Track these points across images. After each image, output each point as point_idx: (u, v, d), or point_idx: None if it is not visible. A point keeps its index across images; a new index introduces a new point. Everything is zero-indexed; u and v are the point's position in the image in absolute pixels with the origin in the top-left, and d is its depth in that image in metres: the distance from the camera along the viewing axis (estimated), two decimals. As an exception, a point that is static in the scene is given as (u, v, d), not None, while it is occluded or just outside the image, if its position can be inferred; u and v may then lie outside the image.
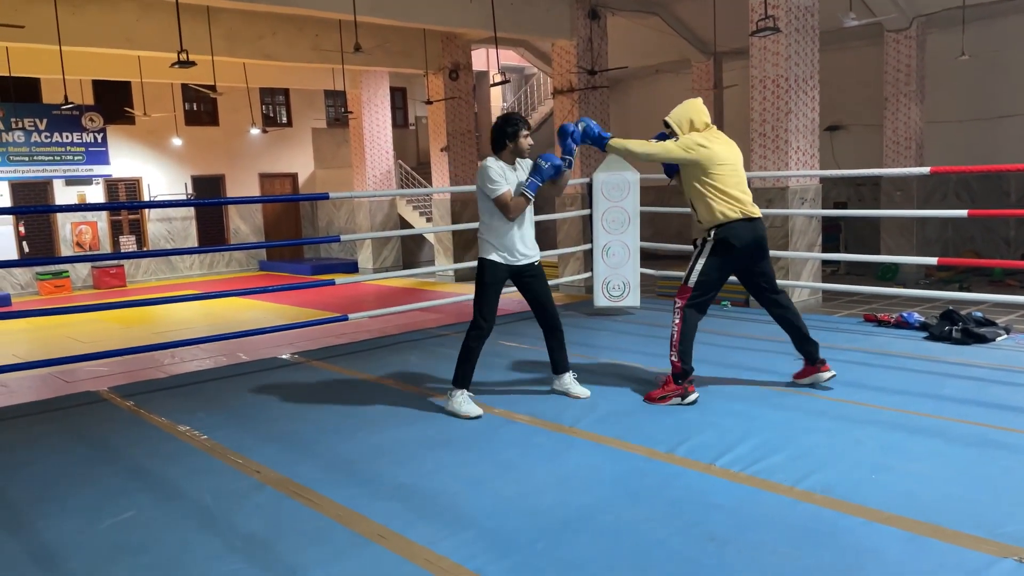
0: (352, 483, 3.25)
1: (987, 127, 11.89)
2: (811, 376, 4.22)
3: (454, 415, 4.09)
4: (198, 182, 17.30)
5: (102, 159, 15.81)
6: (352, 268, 16.55)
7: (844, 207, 13.34)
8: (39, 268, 15.08)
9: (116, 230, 16.45)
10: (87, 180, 15.79)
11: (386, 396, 4.62)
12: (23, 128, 14.78)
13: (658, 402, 4.16)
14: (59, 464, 3.69)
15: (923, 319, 5.80)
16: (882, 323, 6.01)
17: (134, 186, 16.56)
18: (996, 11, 10.95)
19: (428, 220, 16.11)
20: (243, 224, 18.14)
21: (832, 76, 11.89)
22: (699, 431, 3.66)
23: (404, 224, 16.69)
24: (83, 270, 15.83)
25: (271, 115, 18.69)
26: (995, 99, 11.81)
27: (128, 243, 16.48)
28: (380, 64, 13.56)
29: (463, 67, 14.18)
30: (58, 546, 2.81)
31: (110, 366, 6.89)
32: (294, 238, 18.53)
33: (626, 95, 17.11)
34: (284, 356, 5.92)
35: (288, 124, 18.82)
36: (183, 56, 8.72)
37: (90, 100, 15.46)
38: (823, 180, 9.61)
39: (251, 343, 7.40)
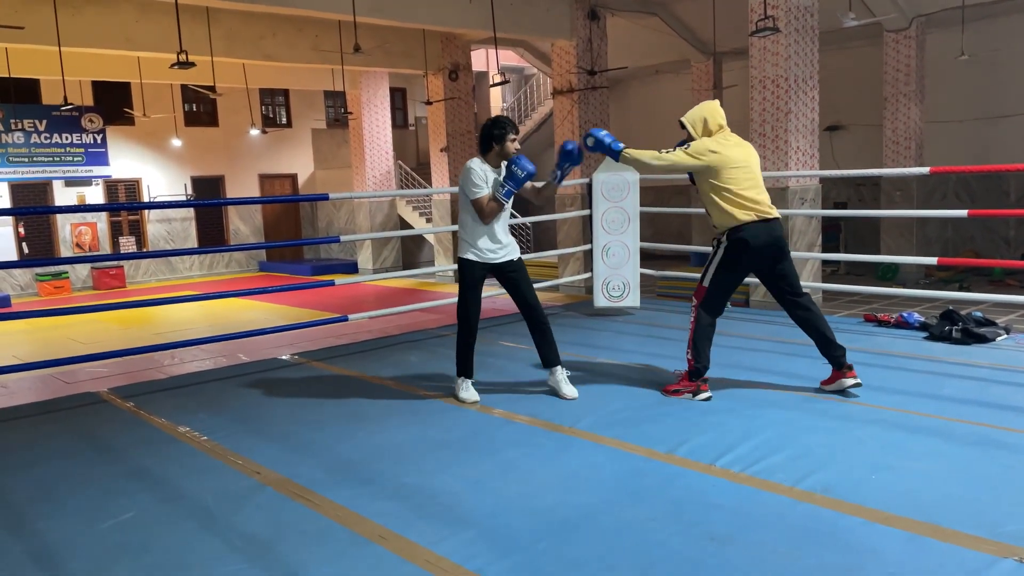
0: (353, 484, 3.25)
1: (987, 127, 11.90)
2: (836, 382, 4.15)
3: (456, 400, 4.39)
4: (198, 183, 17.30)
5: (102, 160, 15.81)
6: (352, 269, 16.55)
7: (844, 207, 13.34)
8: (39, 269, 15.08)
9: (116, 231, 16.44)
10: (87, 181, 15.79)
11: (386, 397, 4.62)
12: (23, 129, 14.78)
13: (672, 395, 4.25)
14: (60, 465, 3.69)
15: (923, 319, 5.80)
16: (882, 323, 6.02)
17: (134, 187, 16.56)
18: (996, 11, 10.95)
19: (428, 220, 16.11)
20: (243, 225, 18.14)
21: (832, 76, 11.89)
22: (700, 431, 3.66)
23: (404, 225, 16.69)
24: (83, 271, 15.83)
25: (271, 116, 18.69)
26: (995, 99, 11.81)
27: (128, 244, 16.49)
28: (380, 65, 13.56)
29: (463, 67, 14.18)
30: (59, 547, 2.81)
31: (110, 367, 6.89)
32: (294, 239, 18.52)
33: (626, 95, 17.12)
34: (284, 357, 5.92)
35: (288, 125, 18.82)
36: (183, 57, 8.71)
37: (90, 101, 15.46)
38: (823, 180, 9.61)
39: (251, 344, 7.41)
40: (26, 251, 15.31)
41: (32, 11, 9.39)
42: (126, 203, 16.57)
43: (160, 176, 16.83)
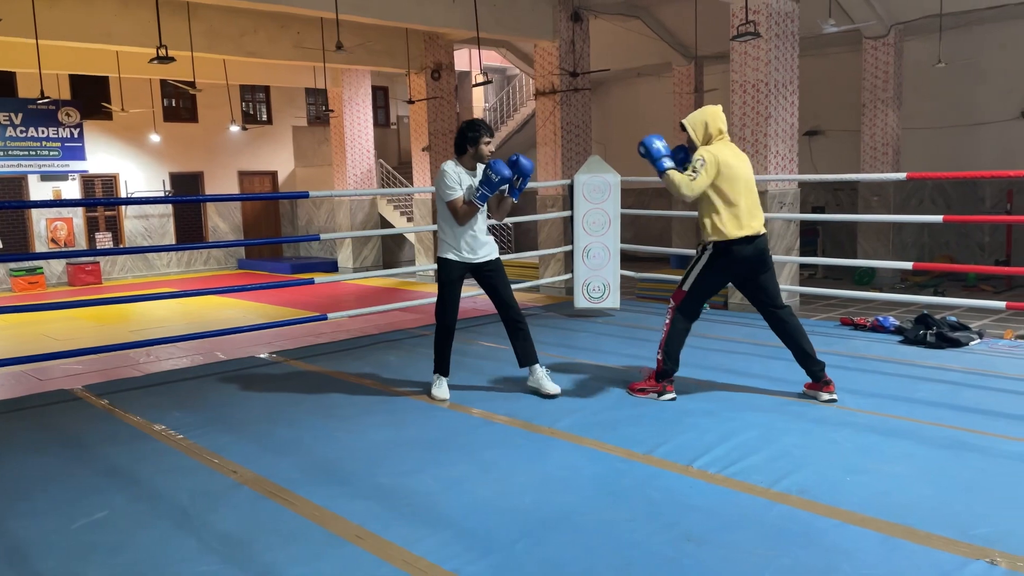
0: (330, 483, 3.24)
1: (963, 134, 12.06)
2: (812, 392, 4.20)
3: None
4: (176, 179, 17.13)
5: (78, 154, 15.59)
6: (332, 267, 16.46)
7: (822, 211, 13.46)
8: (13, 264, 14.87)
9: (92, 227, 16.23)
10: (63, 176, 15.57)
11: (365, 396, 4.60)
12: (-2, 122, 14.54)
13: (637, 393, 4.30)
14: (32, 463, 3.64)
15: (898, 323, 5.87)
16: (858, 327, 6.08)
17: (111, 182, 16.35)
18: (972, 19, 11.10)
19: (409, 220, 16.06)
20: (222, 222, 17.98)
21: (811, 82, 12.01)
22: (677, 433, 3.68)
23: (384, 223, 16.62)
24: (58, 267, 15.61)
25: (251, 112, 18.54)
26: (971, 106, 11.98)
27: (104, 240, 16.28)
28: (362, 63, 13.50)
29: (445, 67, 14.16)
30: (31, 546, 2.77)
31: (85, 364, 6.80)
32: (273, 237, 18.41)
33: (608, 97, 17.17)
34: (262, 355, 5.88)
35: (268, 122, 18.68)
36: (162, 52, 8.63)
37: (67, 95, 15.25)
38: (801, 184, 9.70)
39: (229, 342, 7.34)
40: (0, 246, 15.07)
41: (9, 2, 9.24)
42: (103, 199, 16.34)
43: (138, 172, 16.64)
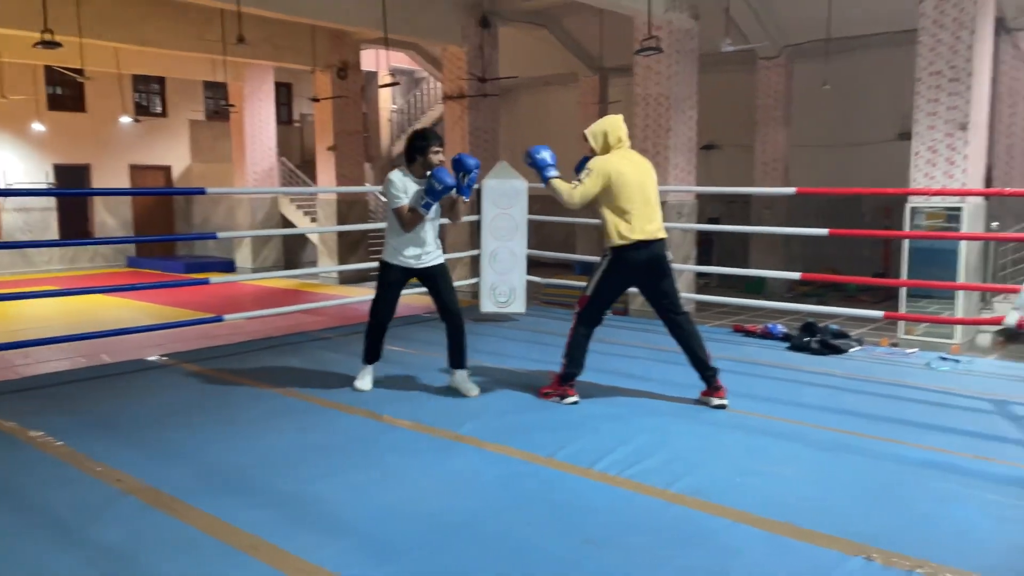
0: (225, 492, 3.12)
1: (846, 153, 12.82)
2: (705, 397, 4.33)
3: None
4: (61, 171, 16.16)
5: (-51, 141, 14.50)
6: (229, 267, 15.91)
7: (717, 222, 13.98)
8: None
9: (-37, 219, 15.12)
10: (-69, 163, 14.45)
11: (264, 401, 4.47)
12: None
13: (543, 397, 4.41)
14: None
15: (786, 330, 6.18)
16: (749, 333, 6.36)
17: (-14, 172, 15.28)
18: (856, 45, 11.81)
19: (313, 220, 15.71)
20: (110, 218, 17.08)
21: (709, 98, 12.45)
22: (579, 436, 3.74)
23: (286, 223, 16.20)
24: (-77, 261, 14.46)
25: (144, 104, 17.71)
26: (853, 127, 12.74)
27: (-23, 233, 15.19)
28: (265, 58, 13.13)
29: (352, 66, 13.95)
30: None
31: (-48, 367, 6.32)
32: (166, 234, 17.65)
33: (516, 104, 17.33)
34: (152, 358, 5.61)
35: (163, 114, 17.90)
36: (47, 36, 8.13)
37: (-63, 76, 14.17)
38: (699, 196, 10.07)
39: (116, 344, 6.98)
40: None
41: None
42: (-24, 189, 15.26)
43: (18, 162, 15.62)
